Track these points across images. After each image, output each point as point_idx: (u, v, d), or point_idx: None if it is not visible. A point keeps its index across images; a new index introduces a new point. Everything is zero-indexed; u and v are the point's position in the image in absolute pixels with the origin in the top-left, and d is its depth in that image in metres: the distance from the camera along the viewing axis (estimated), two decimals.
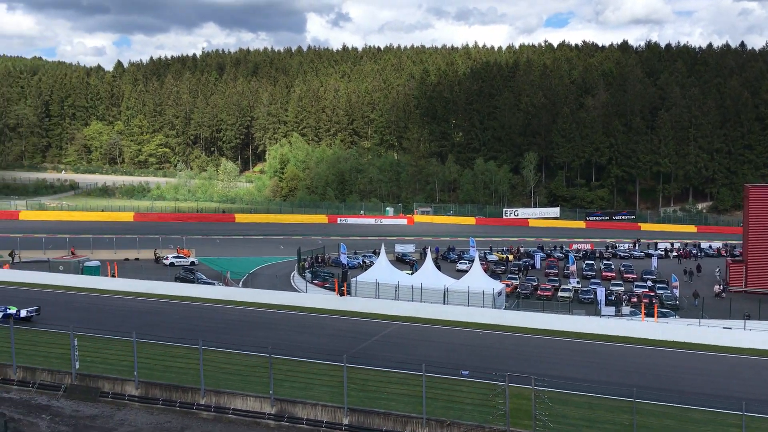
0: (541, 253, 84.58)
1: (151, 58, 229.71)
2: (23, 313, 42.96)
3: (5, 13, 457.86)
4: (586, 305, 56.99)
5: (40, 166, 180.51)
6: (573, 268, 72.49)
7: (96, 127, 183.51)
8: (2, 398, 31.71)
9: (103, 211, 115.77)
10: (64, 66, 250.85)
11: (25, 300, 51.36)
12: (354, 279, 56.87)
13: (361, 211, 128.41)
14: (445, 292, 52.53)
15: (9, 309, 42.84)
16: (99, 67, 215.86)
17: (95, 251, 73.13)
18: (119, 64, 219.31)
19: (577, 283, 67.18)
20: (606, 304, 54.57)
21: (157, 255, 73.43)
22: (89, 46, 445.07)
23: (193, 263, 70.71)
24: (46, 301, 51.32)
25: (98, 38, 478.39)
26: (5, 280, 58.59)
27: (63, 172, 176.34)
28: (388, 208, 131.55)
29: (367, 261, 74.20)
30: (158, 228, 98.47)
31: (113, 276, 59.73)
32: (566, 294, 60.84)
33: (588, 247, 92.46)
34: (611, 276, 72.64)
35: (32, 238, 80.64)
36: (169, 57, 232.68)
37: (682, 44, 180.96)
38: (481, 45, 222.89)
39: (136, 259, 73.60)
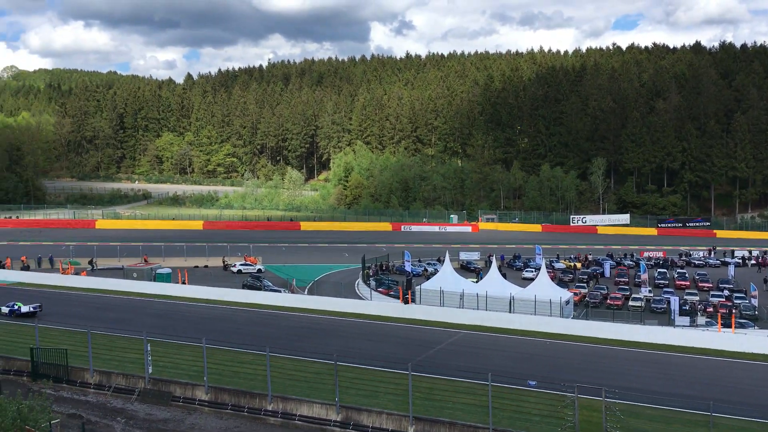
0: (611, 261, 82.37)
1: (219, 70, 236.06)
2: (24, 309, 48.12)
3: (83, 31, 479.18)
4: (659, 315, 55.13)
5: (115, 177, 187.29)
6: (644, 276, 70.29)
7: (167, 138, 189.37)
8: (80, 401, 32.91)
9: (173, 219, 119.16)
10: (137, 80, 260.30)
11: (102, 306, 53.33)
12: (418, 287, 56.67)
13: (424, 219, 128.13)
14: (510, 301, 51.74)
15: (16, 305, 48.28)
16: (170, 80, 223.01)
17: (167, 259, 75.29)
18: (189, 76, 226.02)
19: (649, 292, 65.06)
20: (680, 314, 52.64)
21: (226, 262, 75.01)
22: (161, 60, 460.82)
23: (260, 271, 71.91)
24: (121, 307, 53.15)
25: (169, 52, 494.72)
26: (84, 286, 60.98)
27: (136, 182, 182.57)
28: (452, 216, 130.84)
29: (429, 269, 73.83)
30: (226, 236, 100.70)
31: (184, 283, 61.30)
32: (637, 303, 58.99)
33: (660, 254, 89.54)
34: (685, 285, 70.08)
35: (108, 246, 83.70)
36: (236, 69, 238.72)
37: (759, 44, 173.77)
38: (546, 49, 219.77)
39: (206, 266, 75.38)
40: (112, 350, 37.88)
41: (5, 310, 47.86)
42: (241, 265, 72.85)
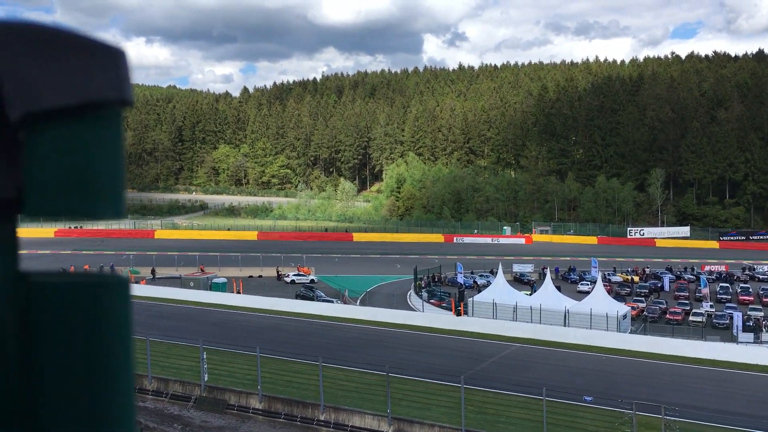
0: (670, 275, 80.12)
1: (274, 83, 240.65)
2: None
3: (144, 46, 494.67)
4: (721, 331, 53.31)
5: (174, 188, 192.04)
6: (706, 291, 68.11)
7: (223, 151, 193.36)
8: (138, 407, 33.67)
9: (229, 230, 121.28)
10: (195, 93, 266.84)
11: (160, 314, 54.62)
12: (471, 299, 56.21)
13: (475, 231, 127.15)
14: (565, 314, 50.82)
15: None
16: (227, 94, 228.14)
17: (222, 268, 76.62)
18: (245, 90, 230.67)
19: (711, 307, 62.97)
20: (743, 330, 50.81)
21: (279, 273, 75.92)
22: (218, 74, 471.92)
23: (312, 281, 72.49)
24: (178, 315, 54.31)
25: (226, 66, 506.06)
26: (142, 295, 62.57)
27: (193, 193, 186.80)
28: (505, 227, 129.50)
29: (480, 282, 73.13)
30: (280, 246, 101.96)
31: (239, 292, 62.26)
32: (698, 318, 57.17)
33: (722, 268, 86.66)
34: (749, 300, 67.55)
35: (166, 256, 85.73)
36: (290, 82, 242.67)
37: None
38: (602, 59, 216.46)
39: (260, 276, 76.41)
40: (169, 357, 38.69)
41: None
42: (294, 275, 73.57)
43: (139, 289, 64.09)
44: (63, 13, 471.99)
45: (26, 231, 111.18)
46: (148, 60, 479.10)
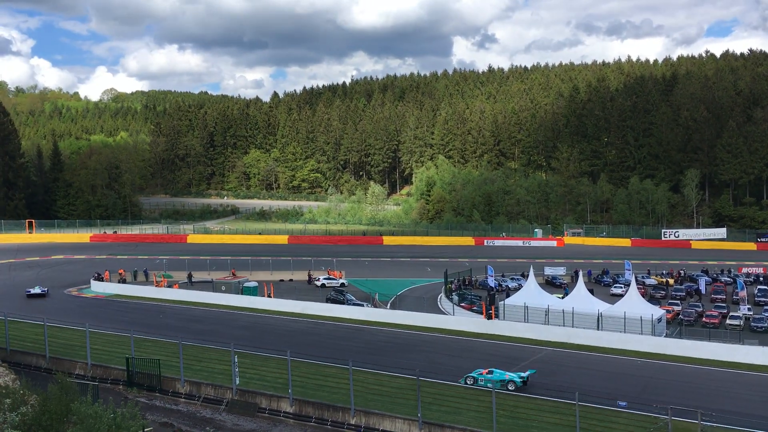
0: (706, 277, 78.54)
1: (304, 87, 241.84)
2: (37, 290, 62.16)
3: (177, 53, 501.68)
4: (760, 334, 52.11)
5: (206, 193, 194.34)
6: (743, 293, 66.61)
7: (254, 155, 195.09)
8: (171, 410, 34.05)
9: (260, 234, 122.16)
10: (226, 99, 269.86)
11: (192, 317, 55.17)
12: (502, 302, 55.76)
13: (503, 234, 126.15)
14: (598, 318, 50.10)
15: (32, 290, 61.89)
16: (257, 99, 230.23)
17: (253, 272, 77.14)
18: (275, 95, 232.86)
19: (749, 310, 61.59)
20: None
21: (311, 276, 76.19)
22: (249, 80, 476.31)
23: (343, 285, 72.61)
24: (210, 319, 54.83)
25: (257, 72, 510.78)
26: (175, 298, 63.32)
27: (225, 197, 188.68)
28: (536, 230, 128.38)
29: (511, 285, 72.47)
30: (310, 250, 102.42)
31: (269, 296, 62.62)
32: (736, 322, 55.95)
33: (760, 270, 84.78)
34: None
35: (198, 260, 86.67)
36: (320, 86, 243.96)
37: None
38: (634, 59, 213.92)
39: (290, 280, 76.77)
40: (201, 361, 39.07)
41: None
42: (324, 279, 73.82)
43: (171, 293, 64.92)
44: (98, 21, 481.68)
45: (62, 236, 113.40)
46: (181, 66, 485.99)
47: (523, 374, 36.00)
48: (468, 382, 35.72)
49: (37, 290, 63.21)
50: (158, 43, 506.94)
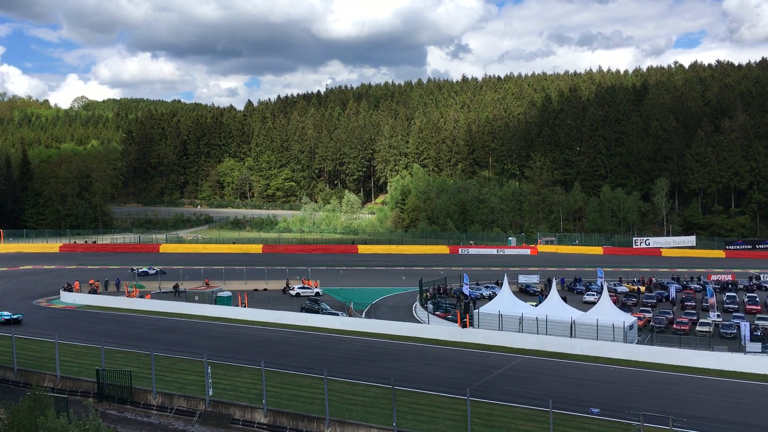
0: (677, 285, 79.71)
1: (279, 96, 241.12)
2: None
3: (150, 61, 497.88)
4: (729, 341, 52.94)
5: (179, 202, 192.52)
6: (712, 300, 67.68)
7: (228, 164, 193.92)
8: (143, 422, 33.57)
9: (234, 243, 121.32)
10: (200, 107, 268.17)
11: (164, 328, 54.53)
12: (476, 310, 55.98)
13: (471, 242, 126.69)
14: (571, 325, 50.52)
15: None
16: (231, 107, 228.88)
17: (227, 282, 76.57)
18: (249, 103, 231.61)
19: (718, 316, 62.57)
20: (751, 340, 50.33)
21: (289, 285, 75.72)
22: (223, 88, 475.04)
23: (317, 294, 72.36)
24: (183, 329, 54.24)
25: (231, 80, 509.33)
26: (147, 309, 62.56)
27: (198, 206, 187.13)
28: (510, 238, 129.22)
29: (485, 293, 72.79)
30: (285, 259, 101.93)
31: (244, 306, 62.14)
32: (705, 328, 56.76)
33: (729, 278, 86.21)
34: (756, 309, 67.06)
35: (171, 270, 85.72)
36: (295, 95, 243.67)
37: None
38: (605, 69, 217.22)
39: (265, 289, 76.29)
40: (173, 372, 38.61)
41: None
42: (299, 288, 73.50)
43: (143, 303, 64.12)
44: (69, 29, 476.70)
45: (31, 246, 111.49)
46: (154, 75, 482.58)
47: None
48: None
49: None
50: (131, 51, 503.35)
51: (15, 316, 55.47)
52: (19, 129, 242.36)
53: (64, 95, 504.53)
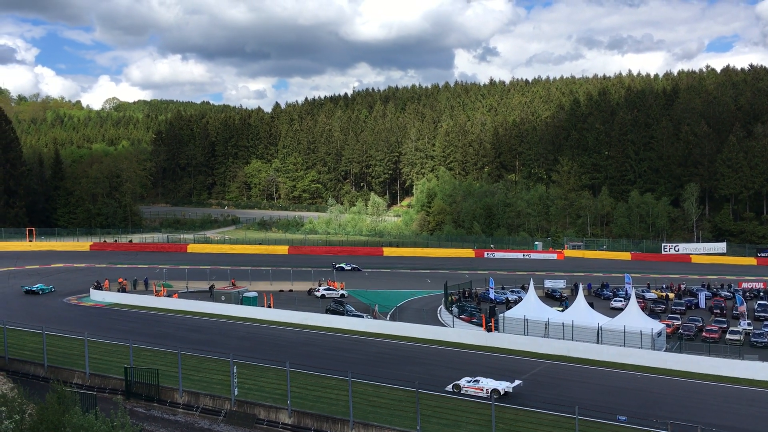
0: (706, 292, 78.53)
1: (306, 98, 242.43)
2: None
3: (180, 63, 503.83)
4: (760, 350, 52.04)
5: (206, 202, 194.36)
6: (743, 308, 66.57)
7: (255, 165, 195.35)
8: (169, 420, 33.93)
9: (260, 244, 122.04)
10: (228, 109, 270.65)
11: (191, 327, 55.07)
12: (501, 315, 55.70)
13: (491, 245, 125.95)
14: (598, 331, 50.04)
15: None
16: (259, 109, 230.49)
17: (253, 282, 77.05)
18: (277, 105, 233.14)
19: (749, 325, 61.55)
20: None
21: (321, 284, 76.04)
22: (252, 90, 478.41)
23: (342, 296, 72.55)
24: (209, 329, 54.71)
25: (260, 82, 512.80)
26: (175, 308, 63.22)
27: (226, 207, 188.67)
28: (536, 243, 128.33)
29: (511, 298, 72.33)
30: (311, 261, 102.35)
31: (269, 306, 62.53)
32: (736, 337, 55.88)
33: (760, 285, 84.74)
34: None
35: (198, 270, 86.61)
36: (322, 97, 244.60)
37: None
38: (635, 73, 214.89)
39: (290, 290, 76.67)
40: (200, 371, 38.97)
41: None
42: (324, 289, 73.77)
43: (171, 303, 64.83)
44: (102, 31, 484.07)
45: (62, 244, 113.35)
46: (183, 76, 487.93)
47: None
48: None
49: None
50: (161, 53, 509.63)
51: (46, 288, 70.04)
52: (51, 129, 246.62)
53: (96, 96, 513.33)
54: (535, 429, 30.67)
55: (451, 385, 36.65)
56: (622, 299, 70.67)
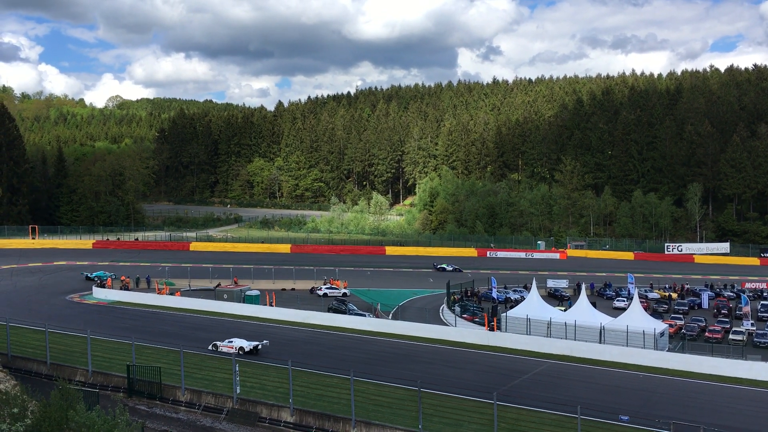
0: (709, 292, 78.41)
1: (309, 97, 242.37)
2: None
3: (183, 61, 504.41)
4: (763, 350, 51.93)
5: (209, 201, 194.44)
6: (746, 308, 66.43)
7: (258, 164, 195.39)
8: (171, 418, 33.94)
9: (263, 242, 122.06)
10: (231, 107, 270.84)
11: (193, 325, 55.10)
12: (504, 314, 55.65)
13: (491, 245, 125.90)
14: (601, 331, 49.97)
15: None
16: (262, 108, 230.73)
17: (256, 281, 77.10)
18: (280, 103, 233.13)
19: (752, 325, 61.44)
20: None
21: (326, 283, 76.00)
22: (255, 88, 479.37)
23: (345, 294, 72.55)
24: (211, 327, 54.73)
25: (263, 81, 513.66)
26: (177, 306, 63.27)
27: (228, 206, 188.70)
28: (539, 242, 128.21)
29: (513, 297, 72.27)
30: (313, 259, 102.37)
31: (271, 305, 62.55)
32: (739, 337, 55.78)
33: (763, 286, 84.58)
34: None
35: (200, 268, 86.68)
36: (325, 95, 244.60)
37: None
38: (639, 72, 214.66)
39: (293, 289, 76.71)
40: (202, 369, 38.98)
41: None
42: (326, 288, 73.76)
43: (173, 301, 64.88)
44: (106, 29, 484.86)
45: (64, 242, 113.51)
46: (187, 75, 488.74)
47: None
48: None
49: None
50: (165, 52, 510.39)
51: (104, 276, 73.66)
52: (55, 127, 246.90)
53: (100, 94, 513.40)
54: (537, 428, 30.63)
55: (211, 345, 44.74)
56: (625, 299, 70.61)
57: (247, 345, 44.53)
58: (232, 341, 44.94)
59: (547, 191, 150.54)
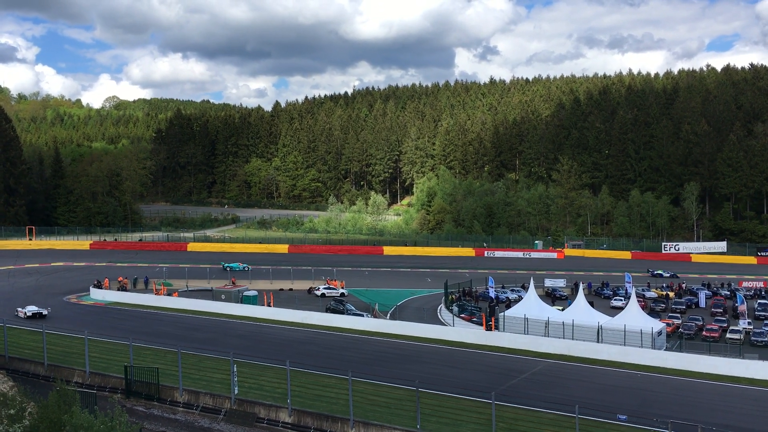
0: (706, 291, 78.53)
1: (306, 97, 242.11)
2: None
3: (180, 62, 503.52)
4: (760, 349, 52.02)
5: (206, 201, 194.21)
6: (743, 307, 66.54)
7: (255, 164, 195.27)
8: (169, 419, 33.92)
9: (260, 243, 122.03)
10: (228, 108, 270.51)
11: (191, 326, 55.07)
12: (502, 314, 55.68)
13: (484, 244, 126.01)
14: (598, 330, 50.02)
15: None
16: (259, 108, 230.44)
17: (253, 281, 77.08)
18: (277, 104, 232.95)
19: (749, 324, 61.53)
20: None
21: (327, 284, 76.00)
22: (252, 89, 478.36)
23: (343, 294, 72.52)
24: (209, 327, 54.71)
25: (260, 81, 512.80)
26: (174, 307, 63.24)
27: (226, 206, 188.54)
28: (537, 242, 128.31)
29: (511, 297, 72.33)
30: (311, 260, 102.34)
31: (269, 305, 62.52)
32: (736, 336, 55.85)
33: (760, 285, 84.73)
34: None
35: (198, 268, 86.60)
36: (322, 96, 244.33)
37: None
38: (635, 72, 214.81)
39: (290, 289, 76.69)
40: (200, 370, 38.94)
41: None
42: (324, 288, 73.73)
43: (171, 301, 64.83)
44: (103, 30, 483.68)
45: (62, 243, 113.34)
46: (184, 75, 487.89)
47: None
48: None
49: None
50: (162, 52, 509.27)
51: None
52: (51, 128, 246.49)
53: (97, 95, 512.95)
54: (535, 428, 30.67)
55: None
56: (623, 298, 70.67)
57: (31, 310, 55.91)
58: (25, 307, 56.70)
59: (545, 191, 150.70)
